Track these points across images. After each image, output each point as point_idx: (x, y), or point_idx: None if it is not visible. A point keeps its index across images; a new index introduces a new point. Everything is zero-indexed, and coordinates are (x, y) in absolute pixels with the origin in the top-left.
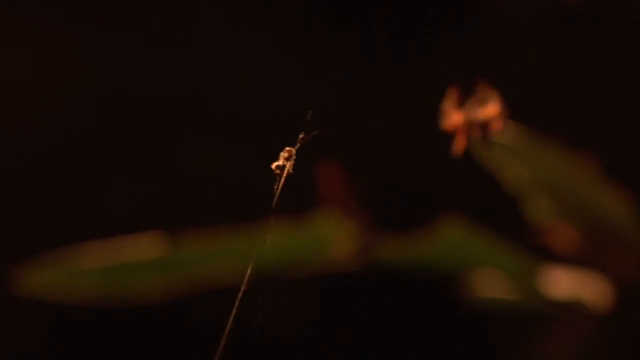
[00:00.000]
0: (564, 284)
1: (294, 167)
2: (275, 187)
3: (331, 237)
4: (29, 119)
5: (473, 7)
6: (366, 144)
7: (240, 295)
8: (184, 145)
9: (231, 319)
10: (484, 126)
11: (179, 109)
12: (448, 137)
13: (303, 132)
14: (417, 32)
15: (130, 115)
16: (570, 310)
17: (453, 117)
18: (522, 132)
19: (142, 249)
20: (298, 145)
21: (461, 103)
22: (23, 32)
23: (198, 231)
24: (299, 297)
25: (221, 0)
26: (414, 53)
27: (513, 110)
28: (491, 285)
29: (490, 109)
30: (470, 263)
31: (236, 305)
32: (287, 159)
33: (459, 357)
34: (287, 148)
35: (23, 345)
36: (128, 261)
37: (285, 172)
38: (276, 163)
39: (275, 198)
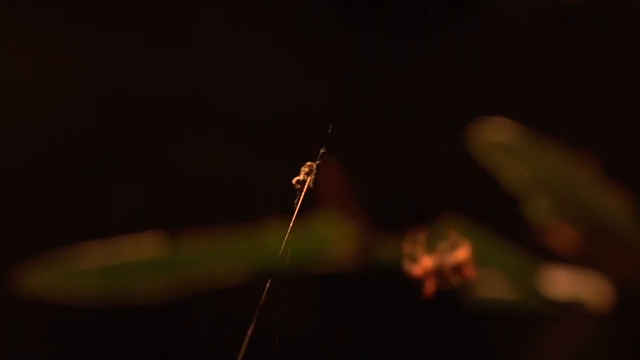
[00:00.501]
0: (564, 284)
1: (307, 178)
2: (296, 201)
3: (331, 237)
4: (29, 119)
5: (473, 7)
6: (366, 144)
7: (263, 296)
8: (184, 145)
9: (254, 321)
10: (456, 271)
11: (179, 109)
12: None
13: (324, 147)
14: (417, 32)
15: (130, 115)
16: (570, 310)
17: (423, 261)
18: (522, 132)
19: (142, 249)
20: (319, 161)
21: (429, 245)
22: (23, 32)
23: (198, 231)
24: (299, 297)
25: (221, 0)
26: (414, 53)
27: (513, 110)
28: (491, 285)
29: (460, 254)
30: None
31: (261, 303)
32: (307, 174)
33: (459, 357)
34: (308, 163)
35: (23, 345)
36: (128, 261)
37: (306, 186)
38: (297, 178)
39: (295, 213)
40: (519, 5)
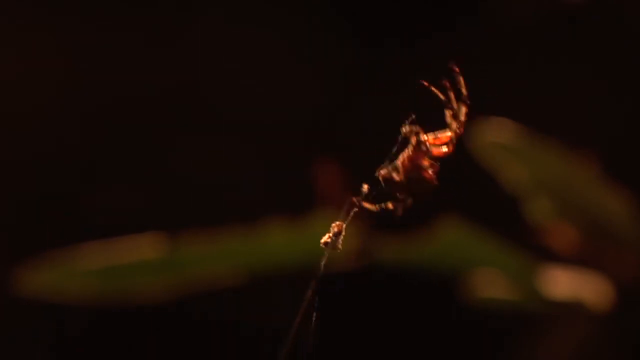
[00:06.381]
0: (564, 284)
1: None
2: (323, 263)
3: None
4: (29, 120)
5: (473, 7)
6: (365, 143)
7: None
8: (184, 145)
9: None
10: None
11: (178, 109)
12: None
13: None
14: (416, 33)
15: (130, 116)
16: (570, 310)
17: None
18: (522, 132)
19: (142, 249)
20: (348, 220)
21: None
22: (22, 32)
23: (198, 231)
24: (299, 297)
25: (221, 0)
26: (413, 53)
27: (513, 110)
28: (491, 285)
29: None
30: (470, 263)
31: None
32: (336, 234)
33: (459, 357)
34: (337, 222)
35: (23, 345)
36: (128, 261)
37: (335, 247)
38: (324, 239)
39: (321, 270)
40: (519, 5)
